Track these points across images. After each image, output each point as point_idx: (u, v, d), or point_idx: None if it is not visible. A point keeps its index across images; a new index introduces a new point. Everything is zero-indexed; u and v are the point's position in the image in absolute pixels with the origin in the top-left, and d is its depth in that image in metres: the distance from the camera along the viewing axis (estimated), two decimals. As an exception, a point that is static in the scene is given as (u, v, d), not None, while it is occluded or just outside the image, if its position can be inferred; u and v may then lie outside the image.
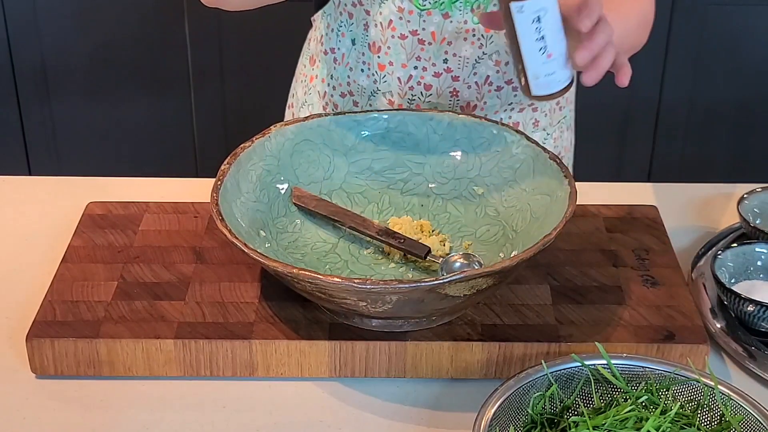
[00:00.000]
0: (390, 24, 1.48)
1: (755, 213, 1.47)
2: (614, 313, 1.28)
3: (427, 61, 1.49)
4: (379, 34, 1.49)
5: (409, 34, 1.48)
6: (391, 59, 1.50)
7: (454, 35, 1.47)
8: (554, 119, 1.60)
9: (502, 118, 1.55)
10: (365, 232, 1.34)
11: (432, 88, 1.51)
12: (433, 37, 1.47)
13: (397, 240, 1.32)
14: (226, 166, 1.32)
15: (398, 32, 1.48)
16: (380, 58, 1.51)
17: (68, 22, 2.69)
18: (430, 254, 1.30)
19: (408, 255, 1.33)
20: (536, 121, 1.58)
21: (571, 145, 1.69)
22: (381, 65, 1.52)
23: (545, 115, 1.59)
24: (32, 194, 1.60)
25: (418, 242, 1.32)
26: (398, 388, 1.25)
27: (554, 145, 1.62)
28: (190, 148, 2.85)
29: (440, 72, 1.50)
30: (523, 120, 1.57)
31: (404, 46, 1.49)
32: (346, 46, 1.54)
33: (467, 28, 1.46)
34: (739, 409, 1.09)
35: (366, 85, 1.54)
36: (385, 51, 1.50)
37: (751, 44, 2.72)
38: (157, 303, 1.29)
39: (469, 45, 1.48)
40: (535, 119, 1.58)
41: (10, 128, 2.82)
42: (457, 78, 1.50)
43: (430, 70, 1.50)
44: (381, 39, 1.49)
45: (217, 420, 1.20)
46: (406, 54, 1.49)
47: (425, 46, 1.48)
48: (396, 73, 1.51)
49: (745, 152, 2.85)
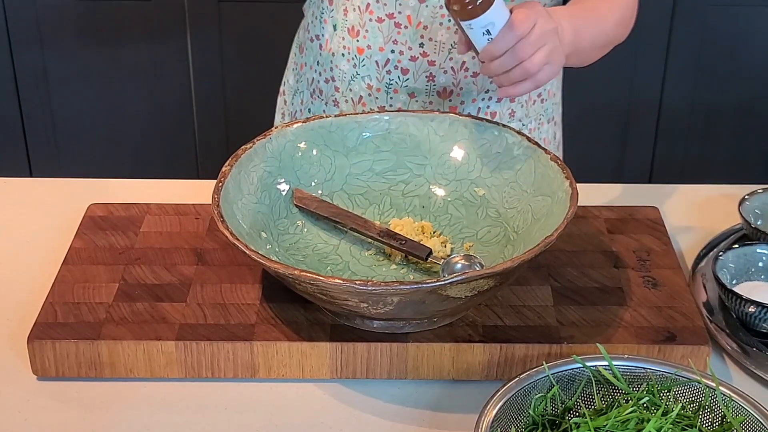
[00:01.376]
0: (368, 7, 1.51)
1: (756, 214, 1.47)
2: (615, 314, 1.28)
3: (403, 44, 1.52)
4: (357, 17, 1.52)
5: (386, 17, 1.51)
6: (369, 42, 1.53)
7: (430, 19, 1.50)
8: (531, 111, 1.62)
9: (480, 107, 1.57)
10: (366, 233, 1.34)
11: (409, 72, 1.54)
12: (409, 21, 1.50)
13: (399, 241, 1.32)
14: (228, 167, 1.32)
15: (375, 15, 1.51)
16: (359, 41, 1.54)
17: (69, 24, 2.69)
18: (431, 256, 1.30)
19: (409, 256, 1.33)
20: (512, 112, 1.61)
21: (554, 139, 1.70)
22: (360, 49, 1.54)
23: (521, 106, 1.61)
24: (33, 196, 1.60)
25: (420, 244, 1.32)
26: (399, 390, 1.25)
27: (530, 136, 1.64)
28: (191, 149, 2.85)
29: (416, 56, 1.52)
30: (500, 110, 1.59)
31: (381, 30, 1.52)
32: (328, 32, 1.57)
33: (442, 12, 1.49)
34: (741, 410, 1.09)
35: (347, 70, 1.57)
36: (363, 35, 1.53)
37: (752, 45, 2.72)
38: (158, 304, 1.29)
39: (445, 30, 1.50)
40: (511, 110, 1.60)
41: (11, 130, 2.82)
42: (434, 62, 1.53)
43: (406, 54, 1.53)
44: (359, 23, 1.52)
45: (218, 421, 1.20)
46: (383, 37, 1.52)
47: (401, 29, 1.51)
48: (374, 57, 1.54)
49: (746, 153, 2.85)
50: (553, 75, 1.31)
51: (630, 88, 2.75)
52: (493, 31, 1.26)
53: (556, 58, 1.31)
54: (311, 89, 1.63)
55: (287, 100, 1.70)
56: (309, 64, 1.63)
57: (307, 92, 1.65)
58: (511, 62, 1.28)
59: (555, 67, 1.31)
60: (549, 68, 1.30)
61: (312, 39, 1.61)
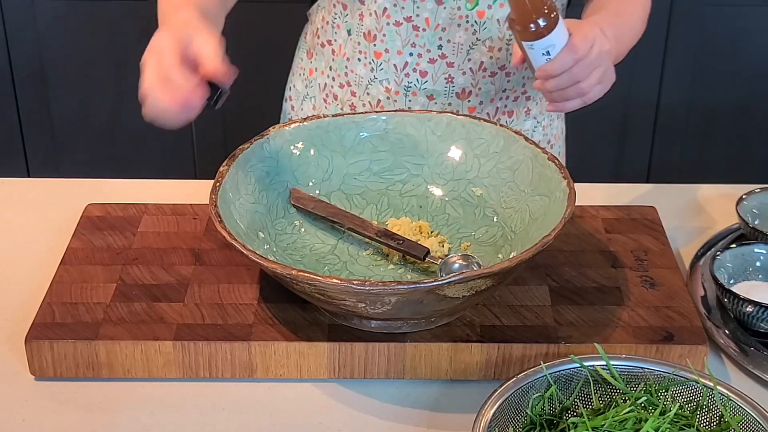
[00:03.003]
0: (385, 12, 1.51)
1: (754, 214, 1.47)
2: (613, 314, 1.28)
3: (422, 47, 1.52)
4: (374, 22, 1.52)
5: (404, 21, 1.51)
6: (387, 46, 1.53)
7: (448, 21, 1.50)
8: (544, 107, 1.63)
9: (498, 106, 1.58)
10: (364, 233, 1.34)
11: (428, 74, 1.54)
12: (427, 24, 1.50)
13: (396, 241, 1.32)
14: (225, 167, 1.32)
15: (393, 19, 1.51)
16: (376, 46, 1.54)
17: (67, 24, 2.69)
18: (429, 255, 1.30)
19: (407, 256, 1.33)
20: (528, 110, 1.62)
21: (561, 134, 1.73)
22: (377, 53, 1.54)
23: (536, 103, 1.63)
24: (31, 196, 1.60)
25: (417, 243, 1.32)
26: (397, 390, 1.25)
27: (543, 133, 1.66)
28: (188, 149, 2.85)
29: (435, 58, 1.53)
30: (516, 109, 1.61)
31: (399, 33, 1.52)
32: (342, 37, 1.57)
33: (460, 14, 1.49)
34: (738, 409, 1.09)
35: (363, 74, 1.57)
36: (380, 39, 1.53)
37: (750, 45, 2.72)
38: (156, 305, 1.28)
39: (463, 31, 1.51)
40: (527, 108, 1.62)
41: (8, 130, 2.82)
42: (452, 64, 1.53)
43: (425, 56, 1.53)
44: (376, 27, 1.52)
45: (216, 422, 1.20)
46: (401, 40, 1.52)
47: (420, 32, 1.51)
48: (392, 60, 1.54)
49: (743, 153, 2.85)
50: (602, 94, 1.35)
51: (628, 87, 2.75)
52: (553, 53, 1.28)
53: (609, 78, 1.35)
54: (324, 94, 1.63)
55: (295, 106, 1.69)
56: (320, 69, 1.63)
57: (319, 97, 1.64)
58: (567, 82, 1.30)
59: (606, 87, 1.35)
60: (600, 87, 1.34)
61: (323, 44, 1.60)
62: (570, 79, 1.30)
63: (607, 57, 1.33)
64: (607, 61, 1.33)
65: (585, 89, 1.32)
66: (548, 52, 1.28)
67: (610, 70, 1.35)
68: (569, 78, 1.30)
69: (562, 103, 1.34)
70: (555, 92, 1.32)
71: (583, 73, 1.30)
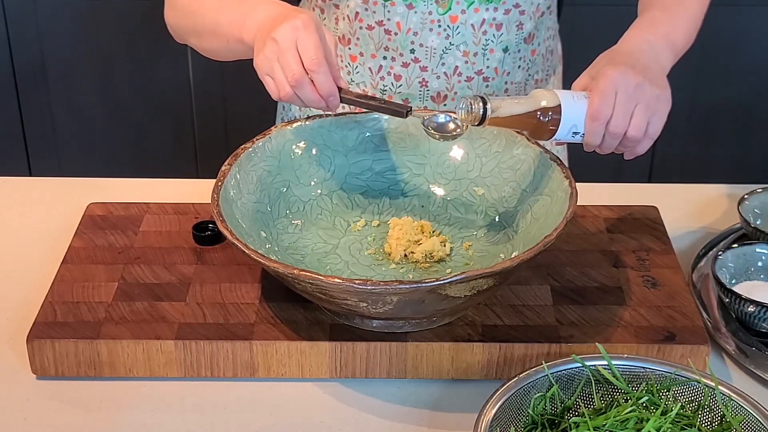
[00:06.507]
0: (357, 16, 1.52)
1: (756, 213, 1.47)
2: (615, 313, 1.28)
3: (394, 51, 1.53)
4: (348, 26, 1.53)
5: (376, 25, 1.51)
6: (361, 50, 1.54)
7: (420, 26, 1.50)
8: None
9: None
10: (345, 97, 1.28)
11: (402, 78, 1.54)
12: (399, 28, 1.50)
13: (378, 101, 1.28)
14: (227, 166, 1.32)
15: (365, 23, 1.51)
16: (351, 49, 1.55)
17: (69, 23, 2.69)
18: (411, 112, 1.27)
19: (388, 115, 1.31)
20: None
21: None
22: (353, 56, 1.55)
23: None
24: (33, 195, 1.60)
25: (399, 102, 1.28)
26: (399, 389, 1.25)
27: None
28: (190, 148, 2.85)
29: (408, 62, 1.53)
30: None
31: (372, 37, 1.52)
32: None
33: (432, 18, 1.49)
34: (740, 409, 1.09)
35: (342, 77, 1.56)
36: (354, 42, 1.54)
37: (752, 45, 2.71)
38: (157, 304, 1.29)
39: (435, 35, 1.50)
40: None
41: (10, 129, 2.82)
42: (426, 68, 1.53)
43: (398, 60, 1.53)
44: (350, 31, 1.53)
45: (217, 421, 1.20)
46: (374, 44, 1.53)
47: (392, 36, 1.51)
48: (367, 64, 1.55)
49: (745, 153, 2.85)
50: (663, 122, 1.26)
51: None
52: (580, 128, 1.23)
53: (658, 106, 1.26)
54: None
55: (285, 106, 1.70)
56: None
57: None
58: (614, 142, 1.25)
59: (661, 115, 1.26)
60: (656, 119, 1.25)
61: None
62: (615, 138, 1.24)
63: (641, 90, 1.23)
64: (642, 95, 1.24)
65: (636, 135, 1.23)
66: (575, 132, 1.24)
67: (653, 98, 1.25)
68: (613, 139, 1.24)
69: (630, 151, 1.27)
70: (615, 151, 1.27)
71: (621, 126, 1.23)
